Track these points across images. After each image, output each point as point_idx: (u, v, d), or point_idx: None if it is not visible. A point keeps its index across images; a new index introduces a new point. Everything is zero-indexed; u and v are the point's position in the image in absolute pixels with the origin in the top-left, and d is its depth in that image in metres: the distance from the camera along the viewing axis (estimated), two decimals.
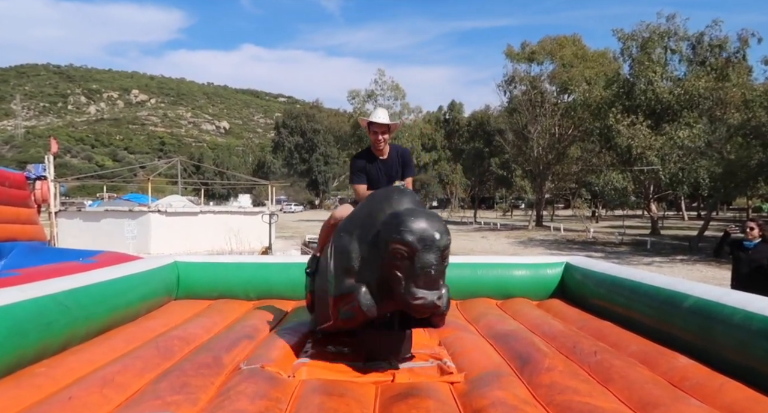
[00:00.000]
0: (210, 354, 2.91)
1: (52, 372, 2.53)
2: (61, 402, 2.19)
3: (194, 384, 2.49)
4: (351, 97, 41.64)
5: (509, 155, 36.61)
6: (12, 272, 4.48)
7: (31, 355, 2.61)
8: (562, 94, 32.50)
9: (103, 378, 2.48)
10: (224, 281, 4.55)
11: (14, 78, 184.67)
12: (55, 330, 2.81)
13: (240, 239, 13.00)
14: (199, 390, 2.45)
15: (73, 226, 13.09)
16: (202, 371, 2.67)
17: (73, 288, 3.13)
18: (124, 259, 5.48)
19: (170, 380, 2.51)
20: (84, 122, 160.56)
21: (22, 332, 2.58)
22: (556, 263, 4.74)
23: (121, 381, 2.48)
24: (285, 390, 2.54)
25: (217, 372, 2.71)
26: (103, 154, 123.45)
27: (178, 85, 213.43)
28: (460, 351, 3.25)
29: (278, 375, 2.70)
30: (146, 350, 2.96)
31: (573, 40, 33.88)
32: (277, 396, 2.45)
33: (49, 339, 2.75)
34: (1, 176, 5.83)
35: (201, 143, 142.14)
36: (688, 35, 24.83)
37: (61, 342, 2.85)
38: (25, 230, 6.11)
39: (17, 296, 2.68)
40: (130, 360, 2.78)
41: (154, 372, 2.67)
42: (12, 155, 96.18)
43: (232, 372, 2.75)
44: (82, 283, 3.24)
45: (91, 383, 2.41)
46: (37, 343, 2.66)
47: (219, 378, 2.66)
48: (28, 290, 2.82)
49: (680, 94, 23.03)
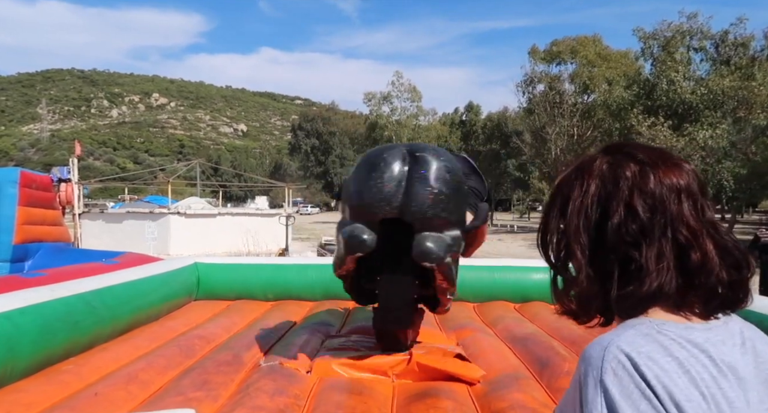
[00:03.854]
0: (230, 353, 2.97)
1: (79, 370, 2.61)
2: (88, 398, 2.26)
3: (215, 381, 2.55)
4: (367, 100, 41.83)
5: (526, 157, 36.36)
6: (39, 272, 4.61)
7: (59, 353, 2.70)
8: (581, 94, 32.16)
9: (128, 375, 2.55)
10: (243, 283, 4.62)
11: (40, 83, 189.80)
12: (82, 328, 2.90)
13: (257, 241, 13.15)
14: (220, 387, 2.50)
15: (95, 227, 13.39)
16: (222, 368, 2.73)
17: (100, 288, 3.22)
18: (146, 260, 5.59)
19: (192, 377, 2.57)
20: (106, 125, 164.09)
21: (52, 330, 2.67)
22: None
23: (145, 378, 2.55)
24: (303, 387, 2.58)
25: (237, 369, 2.77)
26: (124, 156, 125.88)
27: (197, 89, 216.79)
28: (478, 352, 3.25)
29: (297, 371, 2.74)
30: (169, 348, 3.03)
31: (594, 40, 33.51)
32: (296, 393, 2.49)
33: (76, 338, 2.84)
34: (28, 178, 5.99)
35: (219, 145, 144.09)
36: (712, 34, 24.37)
37: (87, 340, 2.93)
38: (50, 232, 6.28)
39: (47, 295, 2.77)
40: (153, 357, 2.85)
41: (177, 370, 2.73)
42: (38, 158, 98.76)
43: (251, 370, 2.80)
44: (107, 283, 3.33)
45: (116, 380, 2.48)
46: (65, 341, 2.75)
47: (239, 375, 2.71)
48: (58, 289, 2.91)
49: (703, 94, 22.60)
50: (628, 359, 0.63)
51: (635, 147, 0.73)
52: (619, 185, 0.68)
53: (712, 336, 0.67)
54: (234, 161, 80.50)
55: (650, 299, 0.66)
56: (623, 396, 0.62)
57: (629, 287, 0.67)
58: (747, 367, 0.67)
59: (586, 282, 0.69)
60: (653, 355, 0.64)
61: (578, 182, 0.73)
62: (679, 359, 0.64)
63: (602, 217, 0.69)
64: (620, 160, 0.71)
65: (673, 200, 0.67)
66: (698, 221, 0.67)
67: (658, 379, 0.63)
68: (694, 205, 0.67)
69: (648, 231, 0.66)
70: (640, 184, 0.67)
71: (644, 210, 0.67)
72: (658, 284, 0.65)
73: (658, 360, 0.64)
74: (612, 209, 0.68)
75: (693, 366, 0.64)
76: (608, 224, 0.68)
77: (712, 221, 0.68)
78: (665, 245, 0.66)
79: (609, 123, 27.39)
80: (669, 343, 0.65)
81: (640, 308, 0.68)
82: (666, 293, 0.66)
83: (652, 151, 0.73)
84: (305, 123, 73.15)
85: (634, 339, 0.65)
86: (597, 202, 0.70)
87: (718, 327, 0.69)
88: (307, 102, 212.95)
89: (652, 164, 0.69)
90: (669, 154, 0.73)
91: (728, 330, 0.69)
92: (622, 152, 0.73)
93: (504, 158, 41.58)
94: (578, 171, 0.74)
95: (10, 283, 3.60)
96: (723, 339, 0.67)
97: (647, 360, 0.63)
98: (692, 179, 0.69)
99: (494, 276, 4.62)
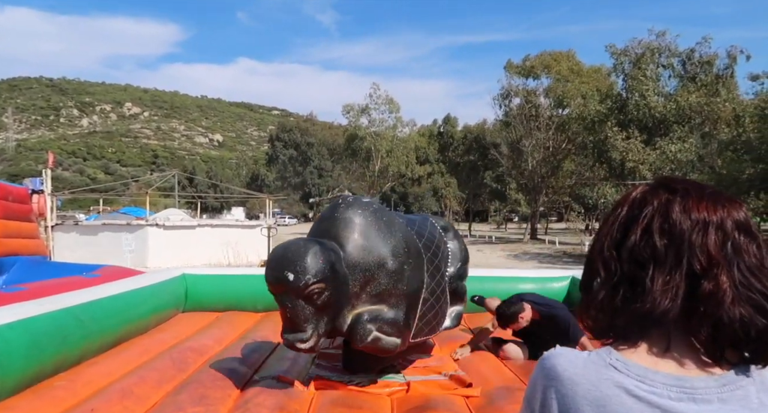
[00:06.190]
0: (224, 366, 2.93)
1: (71, 385, 2.53)
2: None
3: (213, 396, 2.50)
4: (345, 112, 41.92)
5: (504, 169, 36.89)
6: (18, 286, 4.46)
7: (49, 368, 2.62)
8: (557, 108, 32.93)
9: (122, 390, 2.49)
10: (231, 294, 4.56)
11: (6, 91, 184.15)
12: (71, 343, 2.82)
13: (237, 252, 12.96)
14: (218, 402, 2.46)
15: (70, 239, 13.00)
16: (218, 383, 2.69)
17: (87, 302, 3.14)
18: (126, 273, 5.46)
19: (189, 392, 2.52)
20: (76, 135, 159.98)
21: (40, 345, 2.59)
22: (562, 276, 4.78)
23: (140, 392, 2.49)
24: (302, 403, 2.56)
25: (233, 383, 2.73)
26: (95, 167, 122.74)
27: (171, 99, 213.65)
28: (470, 364, 3.27)
29: (294, 386, 2.72)
30: (161, 361, 2.97)
31: (568, 55, 34.45)
32: (296, 409, 2.47)
33: (65, 352, 2.76)
34: (4, 190, 5.82)
35: (194, 155, 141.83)
36: (679, 51, 25.34)
37: (77, 354, 2.86)
38: (27, 245, 6.09)
39: (35, 310, 2.70)
40: (146, 371, 2.78)
41: (171, 384, 2.68)
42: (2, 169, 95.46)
43: (247, 384, 2.76)
44: (95, 297, 3.26)
45: (111, 395, 2.42)
46: (54, 356, 2.67)
47: (235, 389, 2.68)
48: (45, 304, 2.83)
49: (672, 109, 23.42)
50: (551, 371, 0.67)
51: (679, 180, 0.74)
52: (644, 210, 0.69)
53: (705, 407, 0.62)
54: (210, 172, 79.33)
55: (647, 318, 0.65)
56: (525, 399, 0.71)
57: (632, 306, 0.66)
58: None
59: (601, 296, 0.69)
60: (577, 379, 0.65)
61: (617, 208, 0.74)
62: (608, 395, 0.63)
63: (623, 239, 0.70)
64: (657, 189, 0.72)
65: (697, 231, 0.66)
66: (721, 254, 0.65)
67: (560, 401, 0.65)
68: (723, 240, 0.65)
69: (660, 256, 0.66)
70: (664, 211, 0.68)
71: (660, 236, 0.67)
72: (659, 304, 0.64)
73: (577, 384, 0.65)
74: (631, 231, 0.69)
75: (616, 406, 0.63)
76: (624, 244, 0.69)
77: (751, 261, 0.66)
78: (677, 272, 0.65)
79: (583, 136, 28.11)
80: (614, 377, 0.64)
81: (637, 329, 0.67)
82: (665, 315, 0.64)
83: (697, 187, 0.72)
84: (283, 134, 72.70)
85: (573, 360, 0.67)
86: (624, 224, 0.71)
87: (726, 392, 0.63)
88: (284, 113, 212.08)
89: (685, 195, 0.69)
90: (715, 191, 0.71)
91: (737, 397, 0.63)
92: (662, 183, 0.73)
93: (481, 170, 42.15)
94: (622, 199, 0.76)
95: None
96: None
97: (567, 381, 0.65)
98: (728, 217, 0.67)
99: (483, 286, 4.67)
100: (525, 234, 34.78)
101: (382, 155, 41.10)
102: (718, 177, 20.26)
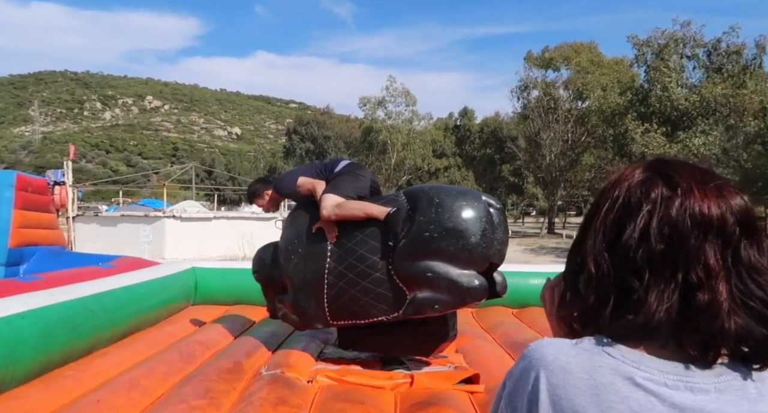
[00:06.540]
0: (231, 359, 2.96)
1: (80, 375, 2.59)
2: (90, 405, 2.25)
3: (217, 389, 2.53)
4: (362, 104, 41.84)
5: (521, 162, 36.49)
6: (35, 276, 4.57)
7: (59, 358, 2.68)
8: (576, 100, 32.38)
9: (130, 381, 2.53)
10: (241, 288, 4.60)
11: (33, 85, 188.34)
12: (81, 333, 2.88)
13: (253, 245, 13.09)
14: (222, 395, 2.49)
15: (90, 231, 13.29)
16: (224, 376, 2.71)
17: (99, 293, 3.20)
18: (142, 264, 5.55)
19: (194, 384, 2.55)
20: (99, 128, 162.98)
21: (51, 335, 2.65)
22: None
23: (147, 384, 2.53)
24: (305, 397, 2.57)
25: (239, 377, 2.76)
26: (117, 159, 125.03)
27: (191, 92, 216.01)
28: (478, 359, 3.25)
29: (298, 380, 2.73)
30: (169, 354, 3.01)
31: (589, 47, 33.78)
32: (299, 403, 2.48)
33: (76, 343, 2.82)
34: (24, 181, 5.94)
35: (213, 148, 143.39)
36: (705, 42, 24.62)
37: (87, 345, 2.91)
38: (46, 235, 6.22)
39: (46, 300, 2.75)
40: (154, 363, 2.83)
41: (178, 376, 2.72)
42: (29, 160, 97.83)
43: (252, 377, 2.79)
44: (106, 288, 3.31)
45: (117, 386, 2.46)
46: (64, 346, 2.73)
47: (240, 383, 2.70)
48: (57, 294, 2.89)
49: (696, 102, 22.82)
50: (539, 361, 0.62)
51: (677, 166, 0.67)
52: (641, 207, 0.64)
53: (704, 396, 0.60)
54: (228, 165, 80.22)
55: (641, 330, 0.62)
56: (506, 396, 0.65)
57: (625, 316, 0.62)
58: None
59: (591, 300, 0.65)
60: (569, 367, 0.61)
61: (610, 195, 0.68)
62: (603, 384, 0.60)
63: (617, 237, 0.64)
64: (654, 181, 0.66)
65: (696, 236, 0.61)
66: (720, 263, 0.61)
67: (551, 392, 0.61)
68: (723, 246, 0.61)
69: (656, 263, 0.62)
70: (663, 211, 0.62)
71: (658, 241, 0.62)
72: (654, 317, 0.61)
73: (571, 374, 0.61)
74: (626, 230, 0.64)
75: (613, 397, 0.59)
76: (618, 244, 0.64)
77: (752, 267, 0.62)
78: (672, 282, 0.61)
79: (603, 129, 27.59)
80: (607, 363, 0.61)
81: (629, 340, 0.63)
82: (660, 327, 0.61)
83: (694, 172, 0.66)
84: (300, 127, 73.03)
85: (563, 348, 0.63)
86: (617, 221, 0.65)
87: (727, 388, 0.61)
88: (301, 106, 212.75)
89: (686, 188, 0.64)
90: (715, 177, 0.66)
91: (736, 389, 0.61)
92: (659, 171, 0.67)
93: (498, 163, 41.75)
94: (617, 183, 0.69)
95: (7, 287, 3.56)
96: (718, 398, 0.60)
97: (557, 370, 0.61)
98: (729, 212, 0.62)
99: None
100: (542, 228, 34.43)
101: (399, 149, 40.95)
102: (743, 171, 19.72)
